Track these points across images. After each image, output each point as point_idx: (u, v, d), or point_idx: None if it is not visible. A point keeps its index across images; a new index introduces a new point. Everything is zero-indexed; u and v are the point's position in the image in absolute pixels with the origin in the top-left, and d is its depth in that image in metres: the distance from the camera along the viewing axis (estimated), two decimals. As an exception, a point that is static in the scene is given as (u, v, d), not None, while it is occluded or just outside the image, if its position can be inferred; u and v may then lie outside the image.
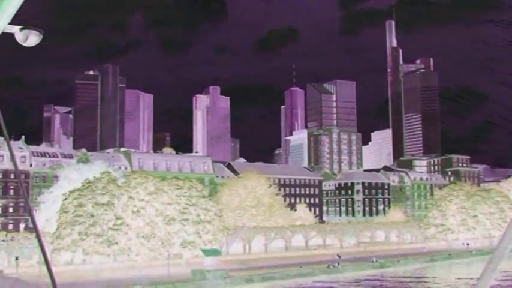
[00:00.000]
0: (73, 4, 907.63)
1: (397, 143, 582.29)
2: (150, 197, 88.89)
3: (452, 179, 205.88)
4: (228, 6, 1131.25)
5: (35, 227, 4.65)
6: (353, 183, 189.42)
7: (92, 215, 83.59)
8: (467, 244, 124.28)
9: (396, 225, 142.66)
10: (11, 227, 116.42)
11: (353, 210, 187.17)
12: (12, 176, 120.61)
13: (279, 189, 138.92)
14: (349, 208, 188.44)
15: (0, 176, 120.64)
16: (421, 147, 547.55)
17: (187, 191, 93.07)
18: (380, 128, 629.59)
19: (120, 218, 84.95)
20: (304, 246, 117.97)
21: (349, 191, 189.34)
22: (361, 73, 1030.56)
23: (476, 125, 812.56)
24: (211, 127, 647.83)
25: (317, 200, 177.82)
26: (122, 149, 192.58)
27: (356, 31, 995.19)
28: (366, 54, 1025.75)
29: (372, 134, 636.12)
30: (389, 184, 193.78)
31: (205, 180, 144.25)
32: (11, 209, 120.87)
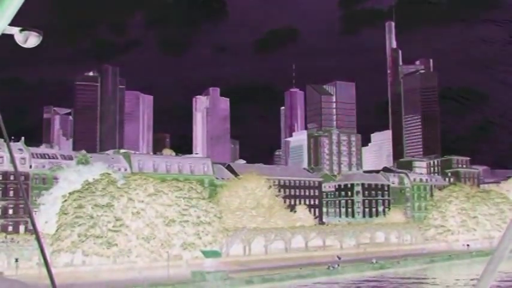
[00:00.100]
0: (73, 4, 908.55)
1: (397, 144, 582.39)
2: (149, 198, 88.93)
3: (452, 180, 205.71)
4: (228, 6, 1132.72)
5: (35, 228, 4.63)
6: (353, 185, 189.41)
7: (92, 217, 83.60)
8: (467, 245, 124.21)
9: (396, 227, 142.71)
10: (10, 228, 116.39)
11: (353, 212, 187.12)
12: (12, 178, 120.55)
13: (279, 191, 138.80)
14: (349, 209, 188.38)
15: (0, 178, 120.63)
16: (421, 148, 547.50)
17: (187, 193, 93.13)
18: (380, 129, 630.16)
19: (119, 219, 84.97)
20: (304, 247, 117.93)
21: (349, 192, 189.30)
22: (361, 74, 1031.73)
23: (476, 125, 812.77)
24: (211, 128, 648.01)
25: (317, 202, 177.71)
26: (122, 150, 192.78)
27: (356, 32, 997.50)
28: (365, 55, 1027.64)
29: (372, 135, 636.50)
30: (389, 185, 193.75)
31: (205, 181, 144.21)
32: (10, 210, 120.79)
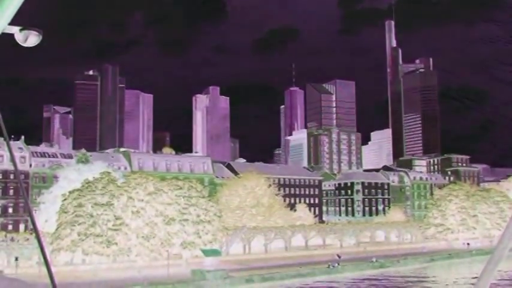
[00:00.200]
0: (73, 4, 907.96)
1: (397, 142, 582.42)
2: (149, 197, 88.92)
3: (452, 178, 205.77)
4: (227, 6, 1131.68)
5: (35, 227, 4.64)
6: (353, 183, 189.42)
7: (92, 216, 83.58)
8: (467, 244, 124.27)
9: (396, 225, 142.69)
10: (10, 227, 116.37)
11: (353, 210, 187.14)
12: (11, 177, 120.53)
13: (279, 190, 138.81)
14: (349, 208, 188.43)
15: (0, 177, 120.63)
16: (421, 147, 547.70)
17: (186, 191, 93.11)
18: (380, 128, 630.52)
19: (119, 218, 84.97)
20: (304, 246, 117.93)
21: (349, 191, 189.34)
22: (361, 73, 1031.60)
23: (476, 124, 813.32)
24: (210, 127, 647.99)
25: (317, 200, 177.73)
26: (122, 149, 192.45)
27: (355, 31, 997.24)
28: (365, 54, 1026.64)
29: (372, 133, 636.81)
30: (389, 184, 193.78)
31: (205, 180, 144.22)
32: (10, 209, 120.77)
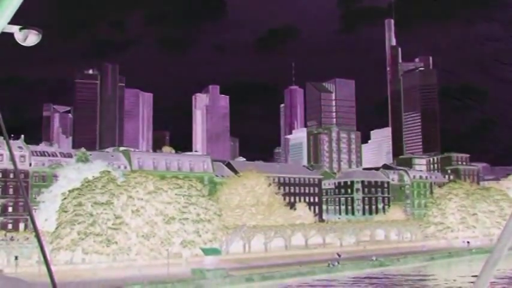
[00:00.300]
0: (72, 3, 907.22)
1: (397, 141, 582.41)
2: (149, 196, 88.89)
3: (451, 177, 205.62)
4: (227, 5, 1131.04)
5: (34, 226, 4.64)
6: (353, 182, 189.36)
7: (91, 215, 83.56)
8: (467, 242, 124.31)
9: (396, 224, 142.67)
10: (10, 226, 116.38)
11: (353, 209, 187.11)
12: (11, 176, 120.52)
13: (279, 188, 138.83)
14: (349, 207, 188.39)
15: (0, 176, 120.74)
16: (421, 146, 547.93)
17: (186, 190, 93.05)
18: (379, 127, 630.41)
19: (119, 217, 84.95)
20: (304, 245, 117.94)
21: (349, 190, 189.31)
22: (361, 72, 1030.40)
23: (475, 123, 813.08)
24: (210, 126, 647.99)
25: (317, 199, 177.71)
26: (121, 148, 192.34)
27: (355, 30, 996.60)
28: (365, 53, 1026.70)
29: (372, 132, 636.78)
30: (388, 182, 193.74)
31: (205, 179, 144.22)
32: (10, 208, 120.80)
